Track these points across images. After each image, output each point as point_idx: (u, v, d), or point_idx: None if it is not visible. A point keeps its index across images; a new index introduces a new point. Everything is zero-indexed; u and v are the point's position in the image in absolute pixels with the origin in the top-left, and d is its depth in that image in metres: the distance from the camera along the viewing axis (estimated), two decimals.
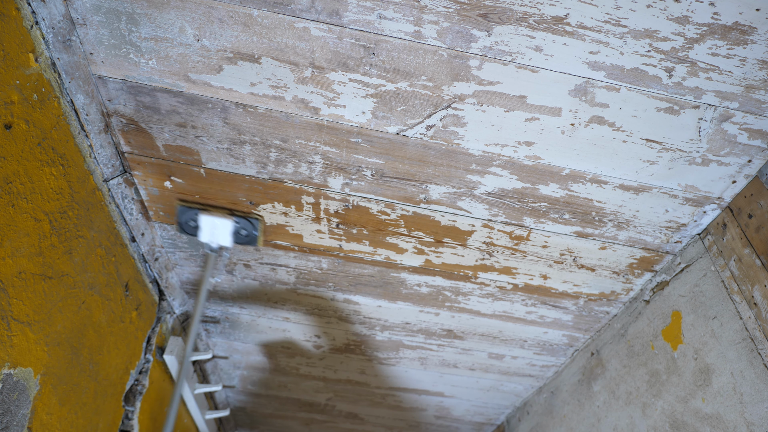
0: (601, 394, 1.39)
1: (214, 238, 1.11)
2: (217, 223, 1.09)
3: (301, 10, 0.78)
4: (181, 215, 1.09)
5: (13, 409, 0.85)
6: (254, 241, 1.16)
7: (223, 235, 1.11)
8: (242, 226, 1.12)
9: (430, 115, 0.91)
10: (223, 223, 1.10)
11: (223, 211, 1.10)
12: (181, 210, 1.08)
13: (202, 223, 1.09)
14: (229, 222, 1.09)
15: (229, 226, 1.10)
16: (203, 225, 1.10)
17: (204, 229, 1.10)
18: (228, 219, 1.09)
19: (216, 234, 1.10)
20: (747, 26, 0.74)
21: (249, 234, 1.14)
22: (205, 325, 1.67)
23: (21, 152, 0.80)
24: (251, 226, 1.13)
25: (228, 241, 1.12)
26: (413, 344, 1.66)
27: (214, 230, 1.10)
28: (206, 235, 1.11)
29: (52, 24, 0.80)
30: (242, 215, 1.11)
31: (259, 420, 2.44)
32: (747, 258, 0.95)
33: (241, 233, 1.14)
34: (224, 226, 1.10)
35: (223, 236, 1.11)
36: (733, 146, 0.91)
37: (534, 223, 1.11)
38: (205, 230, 1.10)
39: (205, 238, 1.11)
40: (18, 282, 0.83)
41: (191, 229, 1.12)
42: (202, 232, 1.10)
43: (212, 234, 1.10)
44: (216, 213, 1.09)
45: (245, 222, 1.12)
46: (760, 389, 0.88)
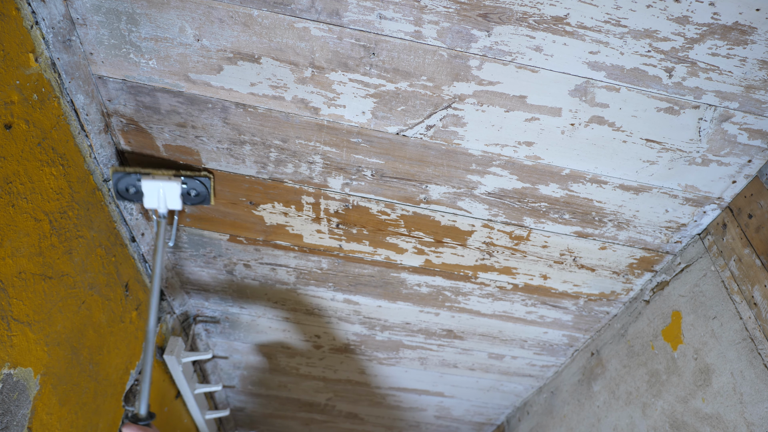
0: (601, 394, 1.39)
1: (162, 203, 1.01)
2: (162, 187, 1.00)
3: (301, 10, 0.78)
4: (118, 182, 0.99)
5: (13, 409, 0.85)
6: (206, 200, 1.07)
7: (171, 198, 1.01)
8: (191, 187, 1.03)
9: (430, 115, 0.91)
10: (170, 186, 1.00)
11: (167, 173, 1.01)
12: (117, 176, 0.98)
13: (146, 189, 0.99)
14: (176, 184, 1.00)
15: (177, 189, 1.01)
16: (147, 191, 0.99)
17: (148, 195, 1.00)
18: (175, 182, 0.99)
19: (163, 199, 1.01)
20: (747, 26, 0.74)
21: (199, 194, 1.05)
22: (205, 325, 1.67)
23: (21, 152, 0.80)
24: (201, 185, 1.04)
25: (178, 204, 1.03)
26: (413, 344, 1.66)
27: (161, 195, 1.00)
28: (152, 201, 1.01)
29: (52, 24, 0.80)
30: (190, 175, 1.03)
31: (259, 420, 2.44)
32: (747, 258, 0.95)
33: (191, 194, 1.05)
34: (171, 189, 1.00)
35: (172, 200, 1.02)
36: (733, 146, 0.91)
37: (534, 223, 1.11)
38: (150, 196, 1.00)
39: (151, 205, 1.01)
40: (18, 282, 0.83)
41: (133, 196, 1.02)
42: (146, 198, 1.00)
43: (159, 199, 1.01)
44: (159, 176, 0.99)
45: (194, 182, 1.03)
46: (760, 389, 0.88)
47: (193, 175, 1.02)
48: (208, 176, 1.03)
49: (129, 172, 0.98)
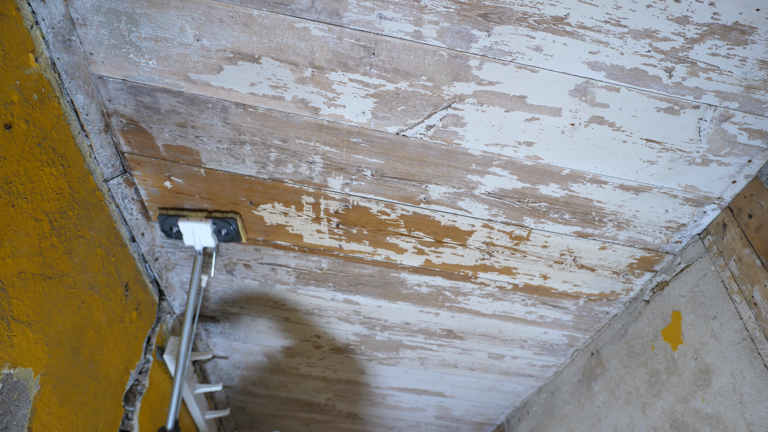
0: (601, 394, 1.39)
1: (198, 240, 1.17)
2: (196, 227, 1.14)
3: (301, 10, 0.78)
4: (163, 223, 1.15)
5: (13, 409, 0.85)
6: (237, 238, 1.20)
7: (205, 237, 1.16)
8: (220, 227, 1.17)
9: (430, 115, 0.91)
10: (202, 227, 1.14)
11: (200, 215, 1.16)
12: (161, 218, 1.14)
13: (183, 229, 1.14)
14: (207, 225, 1.14)
15: (208, 229, 1.15)
16: (184, 231, 1.15)
17: (186, 234, 1.15)
18: (205, 223, 1.14)
19: (198, 237, 1.16)
20: (747, 26, 0.74)
21: (229, 232, 1.18)
22: (205, 325, 1.67)
23: (21, 152, 0.80)
24: (229, 225, 1.17)
25: (212, 242, 1.17)
26: (413, 344, 1.66)
27: (195, 234, 1.15)
28: (190, 239, 1.16)
29: (52, 24, 0.80)
30: (219, 217, 1.16)
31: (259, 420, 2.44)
32: (747, 258, 0.95)
33: (221, 233, 1.18)
34: (203, 229, 1.15)
35: (205, 238, 1.16)
36: (733, 146, 0.91)
37: (534, 223, 1.11)
38: (187, 235, 1.16)
39: (189, 242, 1.17)
40: (18, 282, 0.83)
41: (176, 235, 1.18)
42: (185, 237, 1.16)
43: (195, 237, 1.16)
44: (193, 218, 1.14)
45: (222, 223, 1.16)
46: (760, 389, 0.88)
47: (222, 217, 1.16)
48: (234, 217, 1.16)
49: (171, 215, 1.14)
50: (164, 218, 1.14)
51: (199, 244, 1.17)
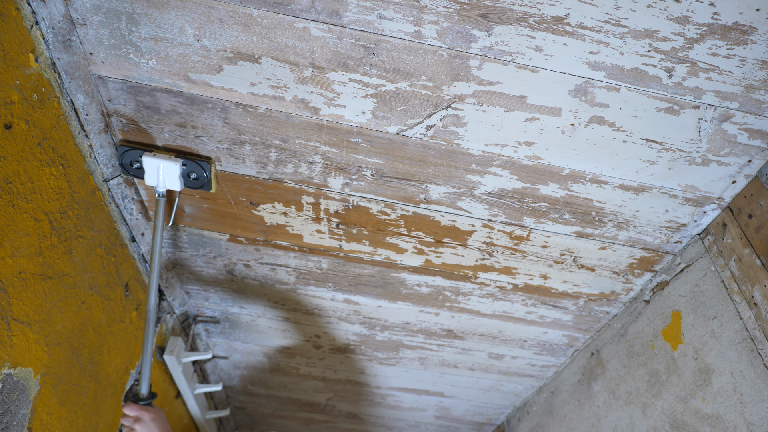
0: (601, 394, 1.39)
1: (162, 181, 1.03)
2: (162, 165, 1.01)
3: (301, 10, 0.78)
4: (122, 156, 1.02)
5: (13, 409, 0.85)
6: (207, 186, 1.08)
7: (171, 178, 1.03)
8: (190, 170, 1.05)
9: (430, 115, 0.91)
10: (170, 166, 1.01)
11: (169, 153, 1.03)
12: (121, 150, 1.01)
13: (147, 165, 1.01)
14: (176, 165, 1.01)
15: (177, 169, 1.02)
16: (148, 167, 1.01)
17: (149, 172, 1.02)
18: (174, 162, 1.01)
19: (163, 177, 1.03)
20: (747, 26, 0.74)
21: (199, 178, 1.06)
22: (205, 325, 1.67)
23: (21, 152, 0.80)
24: (201, 169, 1.05)
25: (177, 185, 1.04)
26: (413, 344, 1.66)
27: (161, 173, 1.02)
28: (152, 179, 1.02)
29: (52, 24, 0.80)
30: (191, 158, 1.04)
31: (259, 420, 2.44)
32: (747, 258, 0.95)
33: (191, 176, 1.06)
34: (171, 169, 1.02)
35: (171, 180, 1.03)
36: (733, 146, 0.91)
37: (534, 223, 1.11)
38: (150, 173, 1.02)
39: (151, 182, 1.03)
40: (18, 282, 0.83)
41: (135, 171, 1.04)
42: (147, 175, 1.02)
43: (159, 177, 1.02)
44: (161, 155, 1.01)
45: (194, 165, 1.04)
46: (760, 389, 0.88)
47: (193, 159, 1.04)
48: (208, 160, 1.05)
49: (134, 147, 1.01)
50: (125, 150, 1.01)
51: (163, 185, 1.04)
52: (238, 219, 1.18)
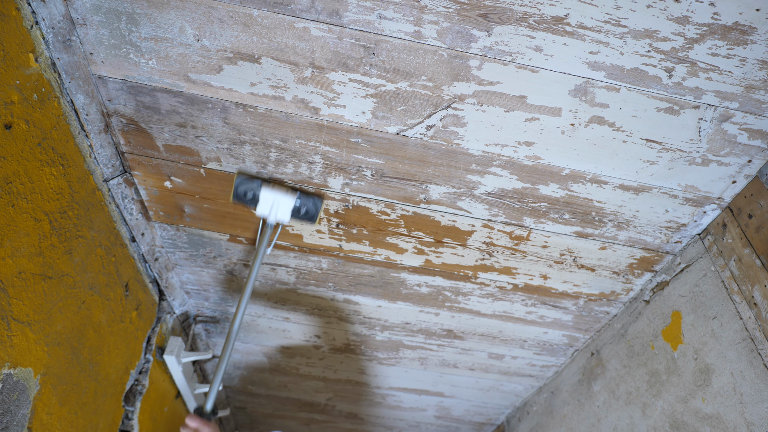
0: (601, 394, 1.39)
1: (273, 212, 1.06)
2: (279, 198, 1.04)
3: (301, 10, 0.78)
4: (240, 185, 1.04)
5: (13, 409, 0.85)
6: (312, 219, 1.11)
7: (283, 210, 1.05)
8: (303, 204, 1.07)
9: (430, 115, 0.91)
10: (286, 200, 1.04)
11: (285, 186, 1.06)
12: (240, 180, 1.04)
13: (264, 196, 1.04)
14: (292, 199, 1.04)
15: (291, 203, 1.05)
16: (264, 198, 1.04)
17: (263, 203, 1.05)
18: (291, 195, 1.04)
19: (276, 209, 1.05)
20: (747, 26, 0.74)
21: (308, 212, 1.09)
22: (205, 325, 1.67)
23: (21, 152, 0.80)
24: (313, 204, 1.08)
25: (286, 218, 1.07)
26: (413, 344, 1.66)
27: (275, 205, 1.05)
28: (265, 209, 1.05)
29: (52, 24, 0.80)
30: (306, 193, 1.07)
31: (259, 420, 2.44)
32: (747, 258, 0.95)
33: (301, 211, 1.08)
34: (286, 202, 1.05)
35: (282, 212, 1.06)
36: (733, 146, 0.91)
37: (534, 223, 1.11)
38: (264, 204, 1.05)
39: (262, 212, 1.06)
40: (18, 282, 0.83)
41: (248, 201, 1.06)
42: (260, 205, 1.05)
43: (271, 208, 1.05)
44: (279, 188, 1.04)
45: (308, 200, 1.07)
46: (760, 389, 0.88)
47: (308, 194, 1.07)
48: (321, 195, 1.08)
49: (253, 178, 1.03)
50: (243, 180, 1.03)
51: (274, 217, 1.06)
52: (238, 219, 1.18)
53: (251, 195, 1.05)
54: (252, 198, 1.05)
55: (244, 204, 1.07)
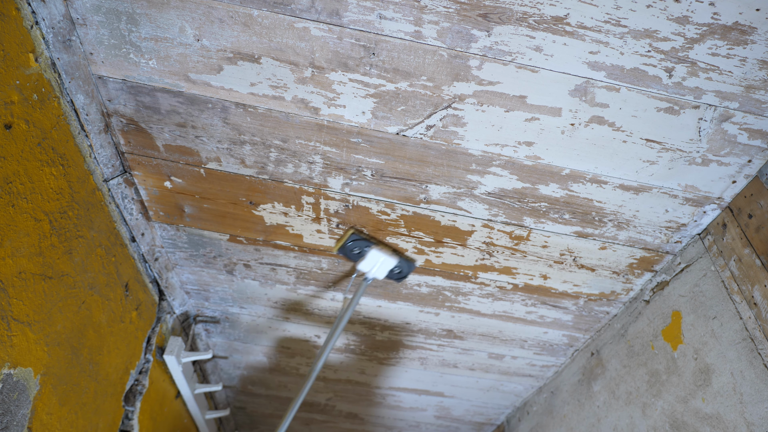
0: (601, 394, 1.39)
1: (374, 269, 1.19)
2: (382, 259, 1.17)
3: (301, 10, 0.78)
4: (351, 242, 1.16)
5: (13, 409, 0.85)
6: (401, 280, 1.25)
7: (381, 269, 1.19)
8: (400, 266, 1.21)
9: (430, 115, 0.91)
10: (387, 261, 1.17)
11: (389, 249, 1.19)
12: (353, 237, 1.15)
13: (370, 256, 1.17)
14: (393, 261, 1.18)
15: (391, 265, 1.18)
16: (370, 258, 1.17)
17: (369, 260, 1.17)
18: (393, 258, 1.17)
19: (377, 267, 1.18)
20: (747, 26, 0.74)
21: (401, 272, 1.23)
22: (205, 325, 1.67)
23: (21, 152, 0.80)
24: (407, 267, 1.22)
25: (381, 275, 1.20)
26: (413, 344, 1.66)
27: (377, 264, 1.18)
28: (367, 266, 1.18)
29: (52, 24, 0.80)
30: (405, 257, 1.22)
31: (259, 420, 2.44)
32: (747, 258, 0.95)
33: (395, 271, 1.22)
34: (387, 263, 1.18)
35: (381, 271, 1.19)
36: (733, 146, 0.91)
37: (534, 223, 1.11)
38: (369, 262, 1.17)
39: (364, 268, 1.19)
40: (18, 282, 0.83)
41: (353, 256, 1.19)
42: (365, 262, 1.17)
43: (374, 266, 1.18)
44: (385, 250, 1.17)
45: (404, 263, 1.21)
46: (760, 389, 0.88)
47: (406, 259, 1.22)
48: (414, 261, 1.23)
49: (365, 239, 1.16)
50: (356, 238, 1.15)
51: (373, 274, 1.20)
52: (238, 219, 1.18)
53: (358, 252, 1.17)
54: (358, 254, 1.18)
55: (346, 257, 1.19)
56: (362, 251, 1.17)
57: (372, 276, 1.21)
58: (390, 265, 1.18)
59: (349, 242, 1.16)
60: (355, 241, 1.16)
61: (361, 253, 1.18)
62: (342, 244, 1.17)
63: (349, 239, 1.16)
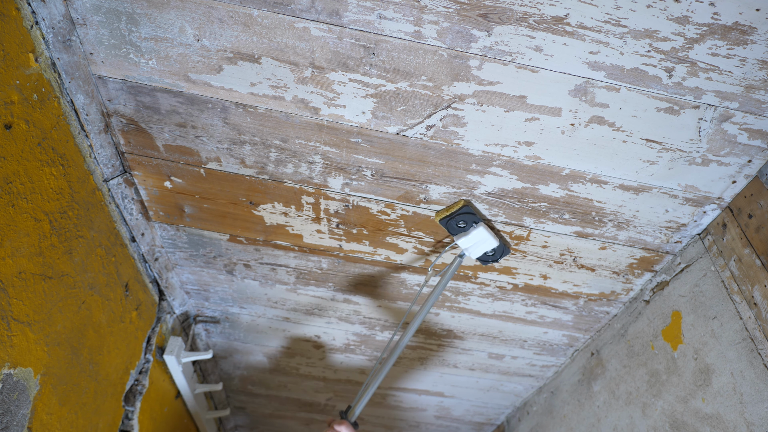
0: (601, 394, 1.39)
1: (471, 248, 1.11)
2: (485, 239, 1.09)
3: (301, 10, 0.78)
4: (461, 213, 1.08)
5: (13, 409, 0.85)
6: (487, 262, 1.19)
7: (478, 249, 1.12)
8: (498, 250, 1.15)
9: (430, 115, 0.91)
10: (489, 242, 1.10)
11: (492, 229, 1.13)
12: (466, 209, 1.07)
13: (475, 233, 1.09)
14: (495, 242, 1.11)
15: (491, 245, 1.11)
16: (474, 234, 1.09)
17: (470, 237, 1.09)
18: (495, 240, 1.10)
19: (474, 246, 1.11)
20: (747, 26, 0.74)
21: (494, 254, 1.17)
22: (205, 325, 1.67)
23: (21, 152, 0.80)
24: (501, 252, 1.16)
25: (474, 255, 1.14)
26: (413, 344, 1.66)
27: (476, 242, 1.10)
28: (466, 243, 1.10)
29: (52, 24, 0.80)
30: (504, 241, 1.16)
31: (259, 420, 2.44)
32: (747, 258, 0.95)
33: (489, 252, 1.16)
34: (488, 243, 1.10)
35: (477, 250, 1.12)
36: (733, 146, 0.91)
37: (534, 223, 1.11)
38: (470, 238, 1.09)
39: (463, 244, 1.11)
40: (18, 282, 0.83)
41: (455, 229, 1.11)
42: (466, 237, 1.10)
43: (471, 243, 1.10)
44: (490, 230, 1.10)
45: (501, 247, 1.15)
46: (760, 389, 0.88)
47: (505, 242, 1.17)
48: (509, 247, 1.18)
49: (474, 213, 1.08)
50: (467, 211, 1.07)
51: (468, 251, 1.12)
52: (238, 219, 1.18)
53: (463, 225, 1.09)
54: (461, 228, 1.10)
55: (446, 227, 1.11)
56: (467, 226, 1.10)
57: (468, 254, 1.13)
58: (490, 246, 1.11)
59: (459, 213, 1.08)
60: (465, 214, 1.08)
61: (466, 227, 1.10)
62: (449, 214, 1.08)
63: (460, 210, 1.07)
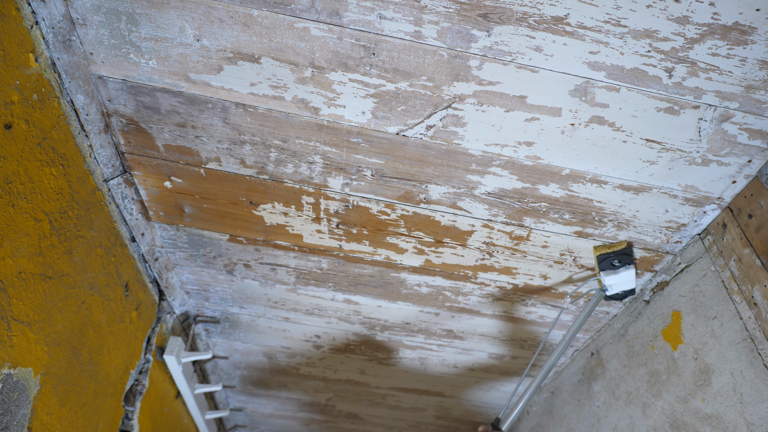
0: (601, 394, 1.39)
1: (612, 284, 1.16)
2: (629, 281, 1.15)
3: (301, 10, 0.78)
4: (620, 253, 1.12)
5: (13, 409, 0.85)
6: (616, 300, 1.23)
7: (617, 287, 1.17)
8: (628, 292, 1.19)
9: (430, 115, 0.91)
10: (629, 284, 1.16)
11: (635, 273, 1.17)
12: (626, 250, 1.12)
13: (625, 273, 1.14)
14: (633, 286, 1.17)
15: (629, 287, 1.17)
16: (623, 274, 1.14)
17: (619, 277, 1.14)
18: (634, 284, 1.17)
19: (615, 284, 1.16)
20: (747, 26, 0.74)
21: (622, 297, 1.21)
22: (205, 325, 1.67)
23: (21, 152, 0.80)
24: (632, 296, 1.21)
25: (611, 292, 1.18)
26: (413, 344, 1.66)
27: (620, 282, 1.15)
28: (611, 280, 1.15)
29: (52, 24, 0.80)
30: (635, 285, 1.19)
31: (259, 420, 2.44)
32: (747, 258, 0.95)
33: (619, 293, 1.20)
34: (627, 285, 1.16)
35: (615, 287, 1.17)
36: (733, 146, 0.91)
37: (534, 223, 1.11)
38: (618, 277, 1.15)
39: (607, 281, 1.15)
40: (18, 282, 0.83)
41: (607, 266, 1.15)
42: (614, 276, 1.14)
43: (614, 282, 1.15)
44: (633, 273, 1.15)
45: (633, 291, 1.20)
46: (760, 389, 0.88)
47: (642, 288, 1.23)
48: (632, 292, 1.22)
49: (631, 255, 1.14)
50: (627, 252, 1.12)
51: (611, 289, 1.17)
52: (238, 219, 1.18)
53: (617, 265, 1.14)
54: (612, 267, 1.14)
55: (598, 262, 1.14)
56: (618, 266, 1.14)
57: (608, 291, 1.18)
58: (629, 287, 1.17)
59: (620, 253, 1.12)
60: (623, 255, 1.12)
61: (616, 268, 1.15)
62: (611, 251, 1.12)
63: (623, 249, 1.11)
